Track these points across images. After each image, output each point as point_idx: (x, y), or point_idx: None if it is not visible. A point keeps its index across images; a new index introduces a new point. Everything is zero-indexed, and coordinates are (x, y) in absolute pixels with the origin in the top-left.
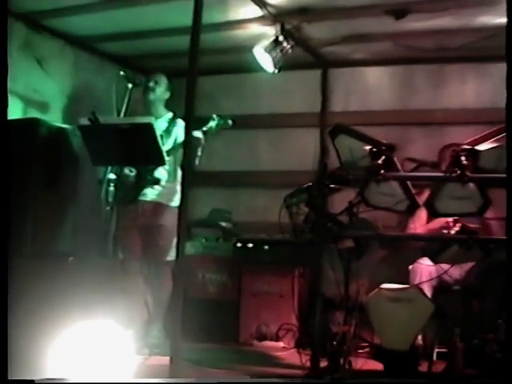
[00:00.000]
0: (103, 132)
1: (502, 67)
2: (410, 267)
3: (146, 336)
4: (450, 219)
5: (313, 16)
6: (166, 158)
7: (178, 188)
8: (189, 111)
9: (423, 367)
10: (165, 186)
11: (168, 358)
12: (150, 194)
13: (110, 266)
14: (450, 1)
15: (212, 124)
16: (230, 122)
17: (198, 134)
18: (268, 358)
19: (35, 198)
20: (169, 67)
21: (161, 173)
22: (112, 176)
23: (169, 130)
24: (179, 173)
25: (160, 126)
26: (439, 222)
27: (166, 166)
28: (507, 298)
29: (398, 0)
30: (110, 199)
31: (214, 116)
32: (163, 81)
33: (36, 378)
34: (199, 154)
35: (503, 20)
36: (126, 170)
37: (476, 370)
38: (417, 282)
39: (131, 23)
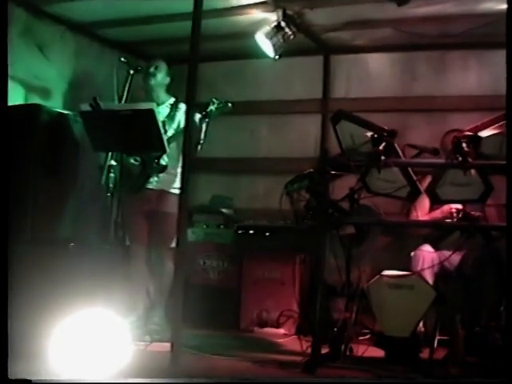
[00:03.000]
0: (104, 118)
1: (503, 54)
2: (412, 254)
3: (147, 322)
4: (454, 208)
5: (314, 2)
6: (169, 145)
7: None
8: (190, 97)
9: (424, 354)
10: (168, 172)
11: (169, 344)
12: (154, 181)
13: (112, 253)
14: None
15: (212, 107)
16: (229, 104)
17: (197, 118)
18: (269, 345)
19: (36, 185)
20: (170, 53)
21: (164, 159)
22: (113, 162)
23: (171, 115)
24: (181, 158)
25: (162, 111)
26: (442, 210)
27: (168, 152)
28: (507, 289)
29: None
30: (111, 185)
31: (214, 99)
32: (163, 66)
33: (36, 365)
34: (201, 140)
35: (505, 6)
36: (131, 160)
37: (477, 357)
38: (418, 268)
39: (132, 9)
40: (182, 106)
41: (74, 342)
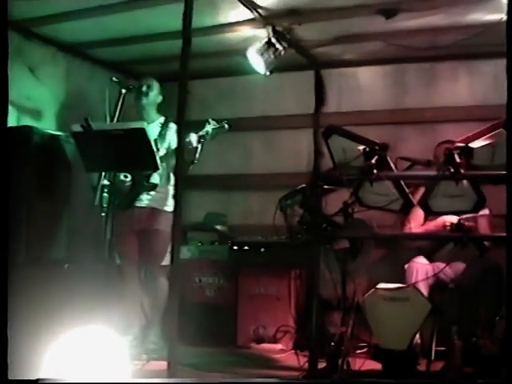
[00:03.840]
0: (96, 138)
1: (493, 64)
2: (406, 266)
3: (144, 341)
4: (447, 221)
5: (303, 17)
6: (160, 164)
7: (172, 192)
8: (181, 115)
9: (422, 366)
10: (158, 191)
11: (166, 362)
12: (145, 199)
13: (106, 272)
14: None
15: (208, 128)
16: (226, 126)
17: (193, 138)
18: (266, 361)
19: (29, 206)
20: (161, 71)
21: (156, 178)
22: (106, 182)
23: (162, 134)
24: (172, 177)
25: (153, 130)
26: (436, 222)
27: (161, 172)
28: (507, 298)
29: None
30: (105, 205)
31: (210, 120)
32: (155, 85)
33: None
34: (195, 159)
35: (493, 17)
36: (121, 176)
37: (474, 368)
38: (412, 280)
39: (122, 28)
40: (173, 126)
41: (70, 360)
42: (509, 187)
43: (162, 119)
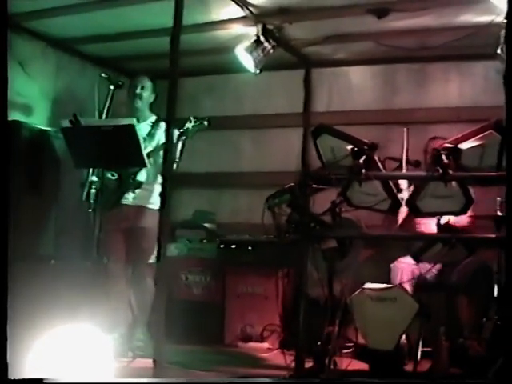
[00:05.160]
0: (85, 134)
1: (483, 65)
2: (392, 265)
3: (131, 339)
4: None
5: (294, 16)
6: (148, 161)
7: (158, 189)
8: (170, 113)
9: (408, 366)
10: (145, 189)
11: (151, 360)
12: (131, 197)
13: (93, 270)
14: (431, 0)
15: (188, 125)
16: (205, 123)
17: (174, 135)
18: (253, 360)
19: (17, 201)
20: (151, 68)
21: (142, 175)
22: (94, 178)
23: (151, 133)
24: (158, 175)
25: (143, 128)
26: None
27: (147, 168)
28: (506, 297)
29: None
30: (93, 201)
31: (191, 118)
32: (148, 85)
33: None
34: (177, 156)
35: (484, 18)
36: (108, 174)
37: (461, 368)
38: (397, 280)
39: (112, 25)
40: (163, 125)
41: (55, 357)
42: (509, 187)
43: (153, 118)
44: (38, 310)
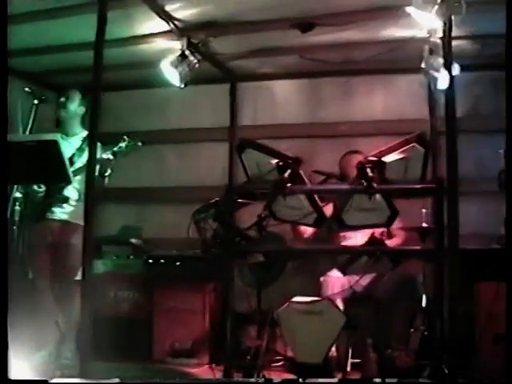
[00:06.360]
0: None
1: (408, 79)
2: (322, 279)
3: (58, 357)
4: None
5: (219, 30)
6: (77, 178)
7: None
8: (93, 126)
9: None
10: (74, 205)
11: (79, 379)
12: (59, 212)
13: (19, 287)
14: (355, 14)
15: (122, 145)
16: (139, 143)
17: (107, 155)
18: (182, 375)
19: None
20: (78, 83)
21: (70, 192)
22: (18, 195)
23: (82, 148)
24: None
25: (73, 143)
26: None
27: (77, 185)
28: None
29: (304, 14)
30: (17, 218)
31: (125, 137)
32: (75, 96)
33: None
34: (108, 173)
35: (407, 33)
36: (35, 187)
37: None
38: (328, 294)
39: (36, 38)
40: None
41: None
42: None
43: (85, 133)
44: None
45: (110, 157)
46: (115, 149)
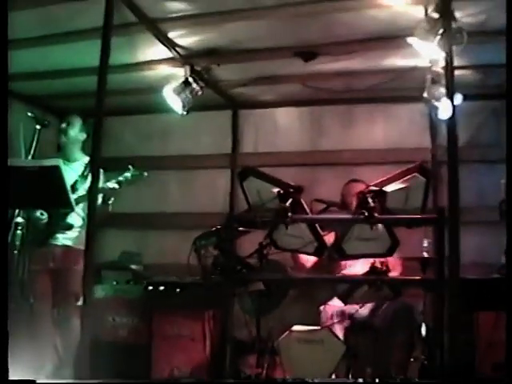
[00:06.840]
0: (10, 174)
1: (409, 108)
2: (321, 308)
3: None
4: None
5: (222, 58)
6: (80, 204)
7: None
8: (96, 151)
9: None
10: (78, 231)
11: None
12: (62, 238)
13: (18, 311)
14: (357, 44)
15: (127, 174)
16: (145, 174)
17: (112, 184)
18: None
19: None
20: (80, 107)
21: (74, 218)
22: (20, 219)
23: (84, 174)
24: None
25: (76, 169)
26: None
27: (81, 212)
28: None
29: (307, 43)
30: (18, 243)
31: (130, 166)
32: (76, 122)
33: None
34: (111, 201)
35: (408, 62)
36: (38, 213)
37: None
38: (328, 323)
39: (40, 63)
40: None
41: None
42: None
43: (86, 159)
44: None
45: (116, 186)
46: (120, 178)
